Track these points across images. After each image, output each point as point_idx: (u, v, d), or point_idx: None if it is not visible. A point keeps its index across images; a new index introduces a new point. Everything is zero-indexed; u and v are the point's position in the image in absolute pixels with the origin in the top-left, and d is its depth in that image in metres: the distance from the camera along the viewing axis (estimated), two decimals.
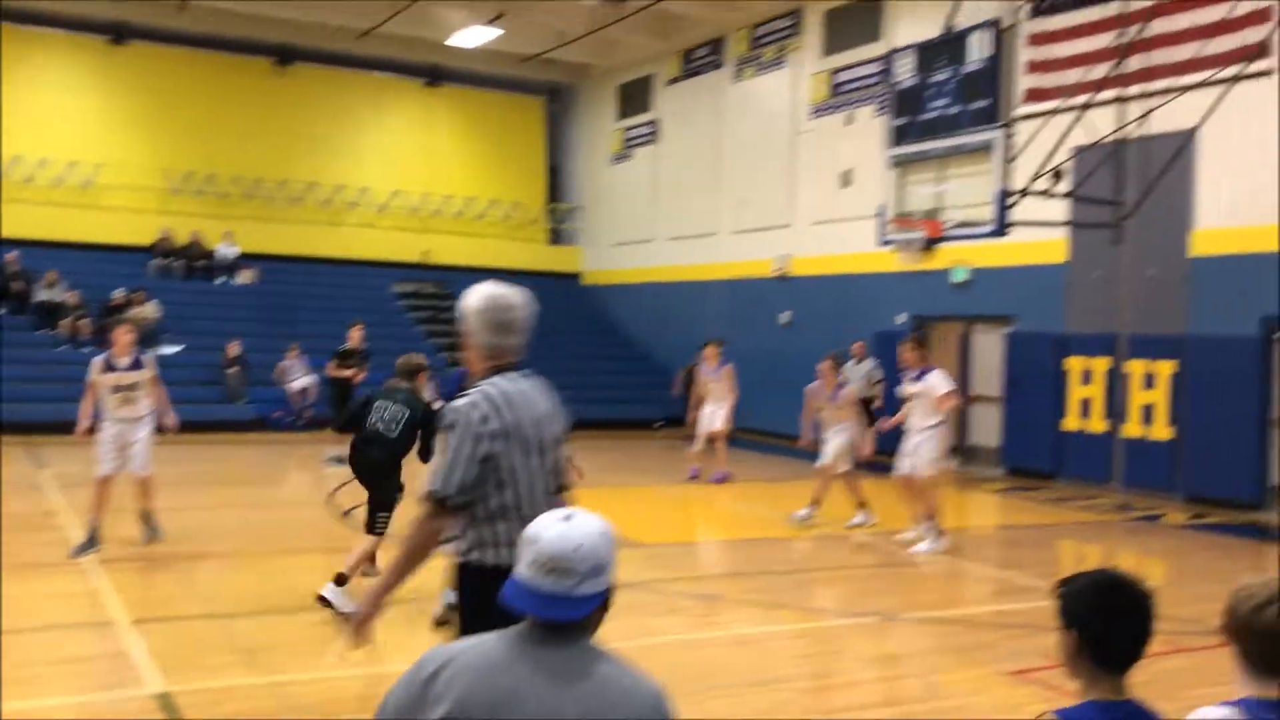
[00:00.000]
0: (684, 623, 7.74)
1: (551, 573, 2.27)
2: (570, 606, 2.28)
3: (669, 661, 6.85)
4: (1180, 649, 7.07)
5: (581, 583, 2.28)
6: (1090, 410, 15.09)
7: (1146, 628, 2.63)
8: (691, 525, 12.94)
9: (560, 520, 2.33)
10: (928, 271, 17.50)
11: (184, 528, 10.75)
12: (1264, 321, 13.32)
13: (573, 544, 2.28)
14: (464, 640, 2.36)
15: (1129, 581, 2.66)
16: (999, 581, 9.86)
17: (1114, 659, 2.63)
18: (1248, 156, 13.37)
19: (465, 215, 26.79)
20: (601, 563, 2.31)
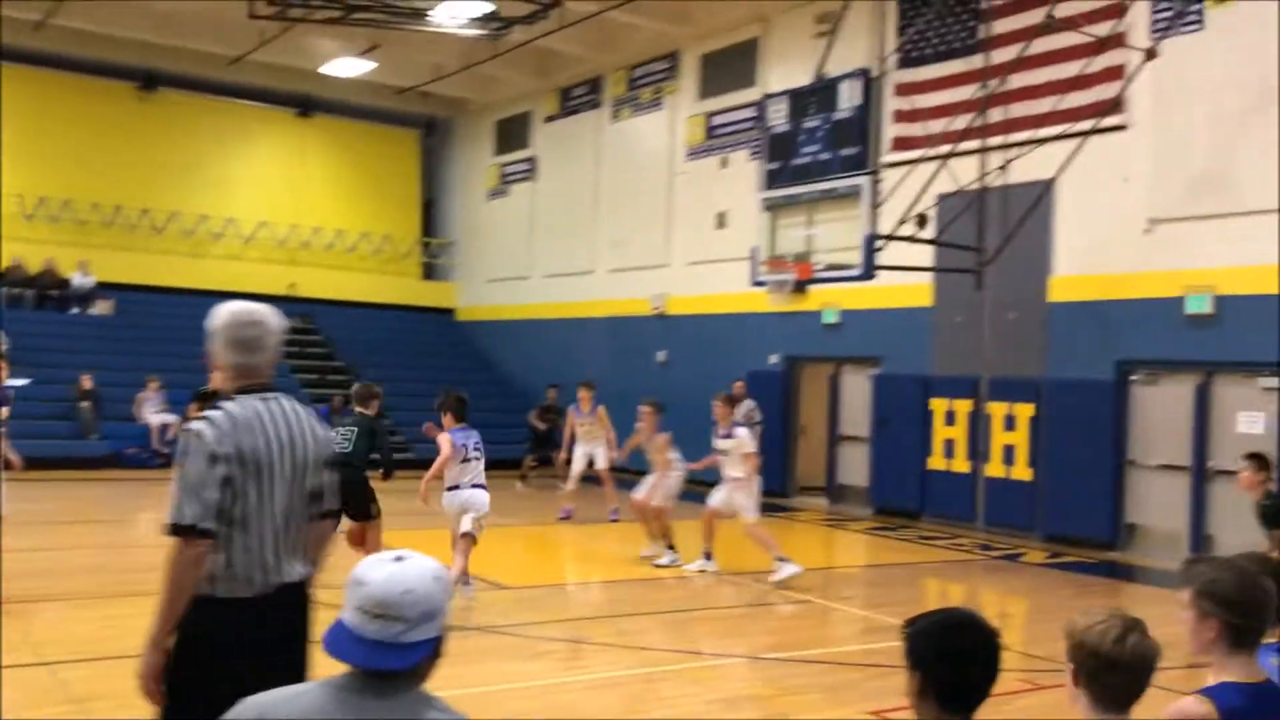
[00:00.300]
0: (548, 666, 7.55)
1: (379, 618, 2.12)
2: (399, 654, 2.13)
3: (533, 706, 6.67)
4: (1037, 686, 7.17)
5: (411, 629, 2.14)
6: (954, 450, 15.43)
7: (992, 668, 2.60)
8: (559, 567, 12.75)
9: (390, 562, 2.18)
10: (799, 313, 17.73)
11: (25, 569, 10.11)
12: (1118, 365, 13.83)
13: (402, 587, 2.13)
14: (279, 691, 2.18)
15: (974, 621, 2.63)
16: (864, 620, 9.92)
17: (959, 700, 2.59)
18: (1102, 206, 13.93)
19: (335, 248, 26.26)
20: (433, 608, 2.17)
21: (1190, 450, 13.16)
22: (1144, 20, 13.44)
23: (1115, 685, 2.66)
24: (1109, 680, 2.66)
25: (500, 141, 25.82)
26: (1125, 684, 2.66)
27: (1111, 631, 2.67)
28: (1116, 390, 13.82)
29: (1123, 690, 2.67)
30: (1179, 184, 13.22)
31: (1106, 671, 2.66)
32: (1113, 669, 2.65)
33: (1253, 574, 3.08)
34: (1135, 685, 2.67)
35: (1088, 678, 2.69)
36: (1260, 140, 12.46)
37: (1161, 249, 13.37)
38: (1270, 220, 12.36)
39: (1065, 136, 13.44)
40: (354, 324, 24.92)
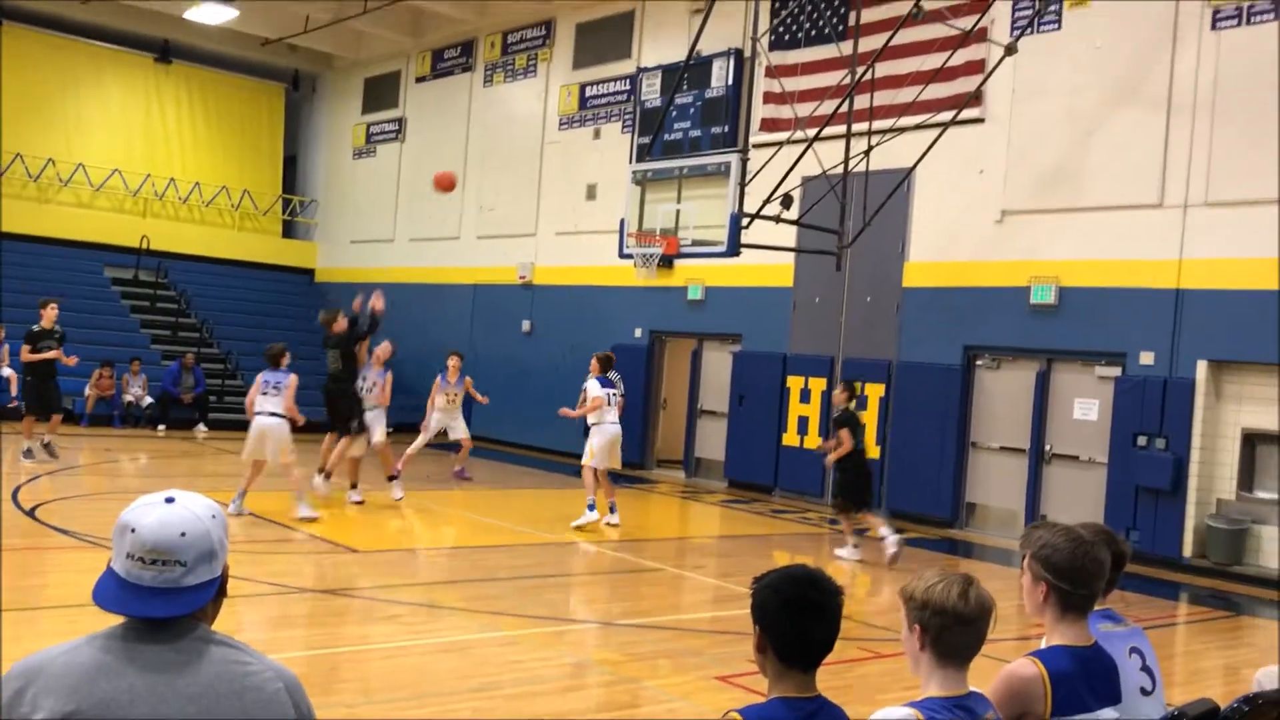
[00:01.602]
0: (397, 630, 7.50)
1: (155, 564, 2.02)
2: (181, 600, 2.03)
3: (380, 668, 6.62)
4: (877, 655, 7.43)
5: (189, 572, 2.04)
6: (808, 428, 15.80)
7: (832, 624, 2.65)
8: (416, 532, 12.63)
9: (161, 504, 2.07)
10: (665, 288, 17.89)
11: None
12: (966, 350, 14.35)
13: (177, 530, 2.04)
14: (45, 651, 2.02)
15: (816, 577, 2.68)
16: (715, 589, 10.12)
17: (799, 655, 2.64)
18: (956, 197, 14.41)
19: (192, 202, 25.35)
20: (212, 547, 2.08)
21: (1029, 434, 13.77)
22: (1005, 17, 13.92)
23: (962, 639, 2.76)
24: (957, 635, 2.76)
25: (368, 100, 25.25)
26: (971, 636, 2.77)
27: (954, 587, 2.77)
28: (963, 374, 14.35)
29: (969, 643, 2.78)
30: (1030, 178, 13.76)
31: (955, 626, 2.75)
32: (961, 622, 2.74)
33: (1087, 543, 3.21)
34: (979, 636, 2.79)
35: (935, 634, 2.77)
36: (1108, 139, 13.06)
37: (1011, 240, 13.91)
38: (1113, 216, 12.98)
39: (926, 126, 13.84)
40: (209, 280, 24.13)
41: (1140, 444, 12.53)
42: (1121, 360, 12.94)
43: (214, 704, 2.00)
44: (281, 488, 11.56)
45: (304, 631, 7.30)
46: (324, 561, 9.83)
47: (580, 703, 6.41)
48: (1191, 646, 9.31)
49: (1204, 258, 12.25)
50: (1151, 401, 12.49)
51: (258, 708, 2.03)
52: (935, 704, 2.77)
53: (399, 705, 5.79)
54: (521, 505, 14.50)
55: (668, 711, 6.23)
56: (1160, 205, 12.60)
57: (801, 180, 14.14)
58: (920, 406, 14.53)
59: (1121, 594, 10.10)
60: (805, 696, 2.65)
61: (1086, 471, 13.27)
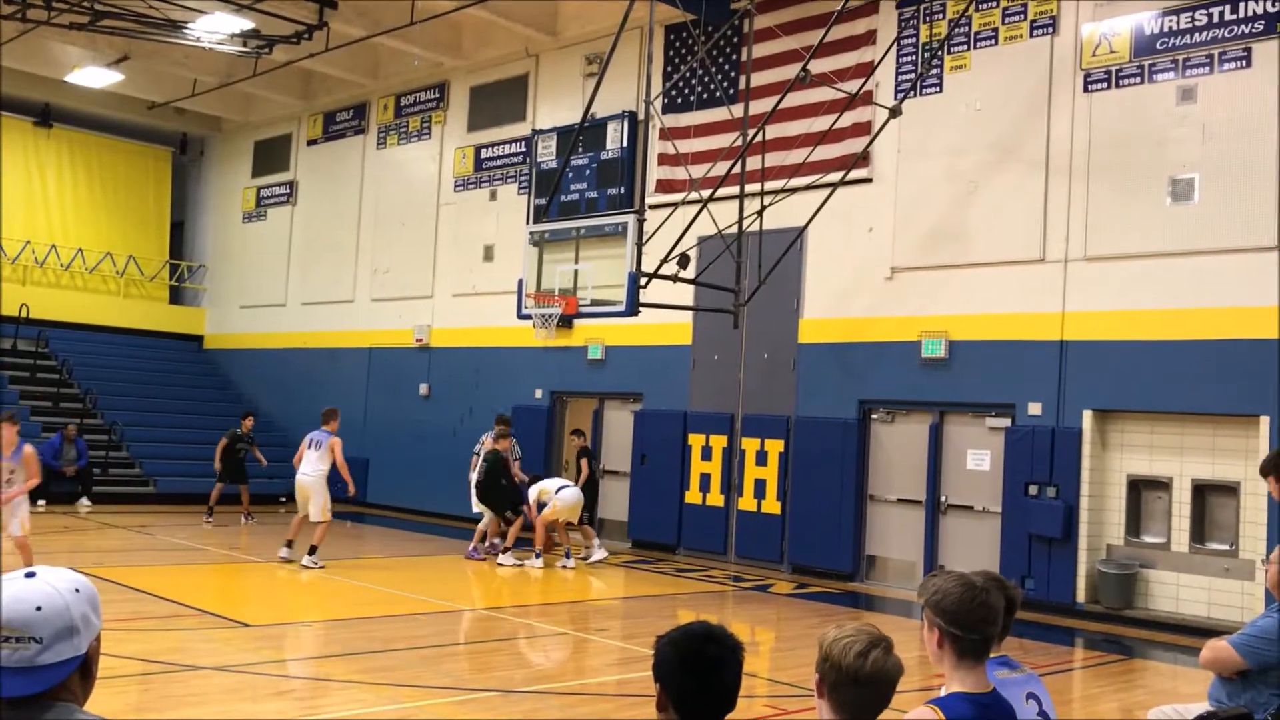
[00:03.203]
0: (289, 706, 7.23)
1: (8, 640, 1.94)
2: (32, 679, 1.94)
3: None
4: (783, 712, 7.40)
5: (46, 649, 1.96)
6: (710, 484, 15.84)
7: (733, 679, 2.62)
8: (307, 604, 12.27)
9: (20, 579, 1.99)
10: (565, 348, 17.86)
11: None
12: (861, 404, 14.57)
13: (33, 604, 1.96)
14: None
15: (715, 633, 2.65)
16: (619, 651, 10.00)
17: (700, 712, 2.60)
18: (848, 254, 14.71)
19: (74, 268, 24.60)
20: (73, 623, 1.99)
21: (925, 485, 13.99)
22: (890, 80, 14.35)
23: (856, 699, 2.73)
24: (850, 694, 2.72)
25: (258, 163, 24.90)
26: (865, 699, 2.73)
27: (855, 646, 2.74)
28: (859, 428, 14.55)
29: (863, 705, 2.73)
30: (918, 235, 14.12)
31: (847, 685, 2.72)
32: (854, 683, 2.71)
33: (978, 588, 3.21)
34: (876, 700, 2.74)
35: (830, 689, 2.75)
36: (990, 197, 13.49)
37: (901, 296, 14.23)
38: (998, 272, 13.37)
39: (816, 186, 14.14)
40: (93, 349, 23.37)
41: (1032, 492, 12.82)
42: (1011, 411, 13.26)
43: None
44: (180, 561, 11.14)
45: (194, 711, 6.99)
46: (214, 637, 9.46)
47: None
48: (1088, 690, 9.47)
49: (1085, 310, 12.68)
50: (1041, 451, 12.81)
51: None
52: None
53: None
54: (418, 572, 14.20)
55: None
56: (1042, 260, 13.02)
57: (697, 240, 14.32)
58: (818, 460, 14.68)
59: (1019, 641, 10.26)
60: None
61: (981, 521, 13.51)
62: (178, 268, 26.51)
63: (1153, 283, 12.18)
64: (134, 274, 25.55)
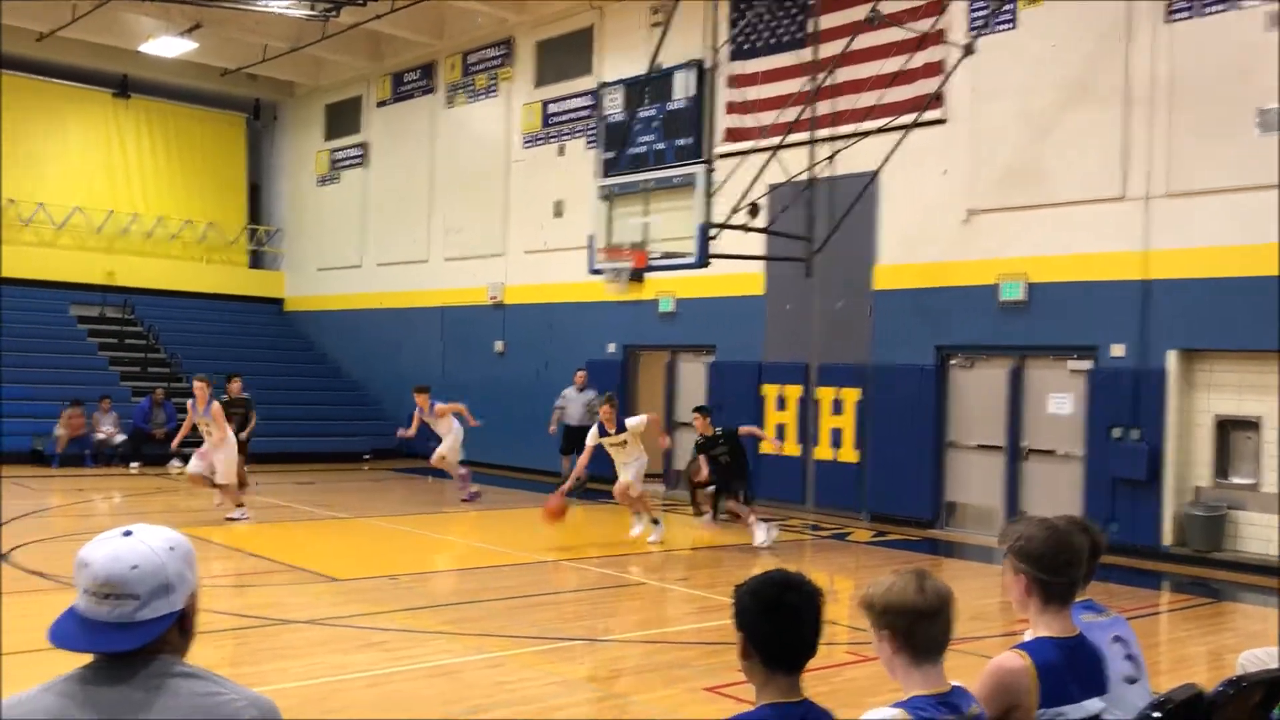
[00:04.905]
0: (380, 657, 7.42)
1: (109, 598, 1.99)
2: (132, 634, 2.00)
3: (363, 697, 6.55)
4: (863, 659, 7.41)
5: (144, 606, 2.01)
6: (785, 434, 15.82)
7: (813, 626, 2.65)
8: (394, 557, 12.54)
9: (116, 537, 2.05)
10: (636, 301, 17.87)
11: None
12: (938, 350, 14.40)
13: (129, 563, 2.01)
14: (13, 696, 2.01)
15: (795, 581, 2.68)
16: (699, 600, 10.09)
17: (783, 658, 2.64)
18: (922, 198, 14.48)
19: (156, 235, 25.16)
20: (169, 580, 2.04)
21: (1005, 431, 13.82)
22: (962, 18, 14.03)
23: (930, 633, 2.77)
24: (924, 630, 2.76)
25: (330, 126, 25.17)
26: (939, 629, 2.78)
27: (910, 584, 2.78)
28: (937, 374, 14.40)
29: (938, 636, 2.78)
30: (994, 176, 13.85)
31: (920, 622, 2.76)
32: (925, 617, 2.75)
33: (1062, 531, 3.23)
34: (946, 628, 2.79)
35: (904, 635, 2.78)
36: (1068, 134, 13.16)
37: (978, 238, 13.99)
38: (1077, 211, 13.08)
39: (888, 130, 13.91)
40: (177, 314, 23.94)
41: (1115, 435, 12.61)
42: (1093, 353, 13.02)
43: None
44: None
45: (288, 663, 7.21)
46: (304, 591, 9.73)
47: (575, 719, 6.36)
48: (1175, 634, 9.35)
49: (1168, 248, 12.36)
50: (1124, 393, 12.57)
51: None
52: (921, 702, 2.77)
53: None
54: (501, 526, 14.43)
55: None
56: (1123, 198, 12.70)
57: (768, 188, 14.19)
58: (896, 408, 14.57)
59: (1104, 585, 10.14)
60: (792, 701, 2.65)
61: (1063, 465, 13.33)
62: (256, 232, 26.98)
63: (1239, 217, 11.81)
64: (214, 240, 26.06)
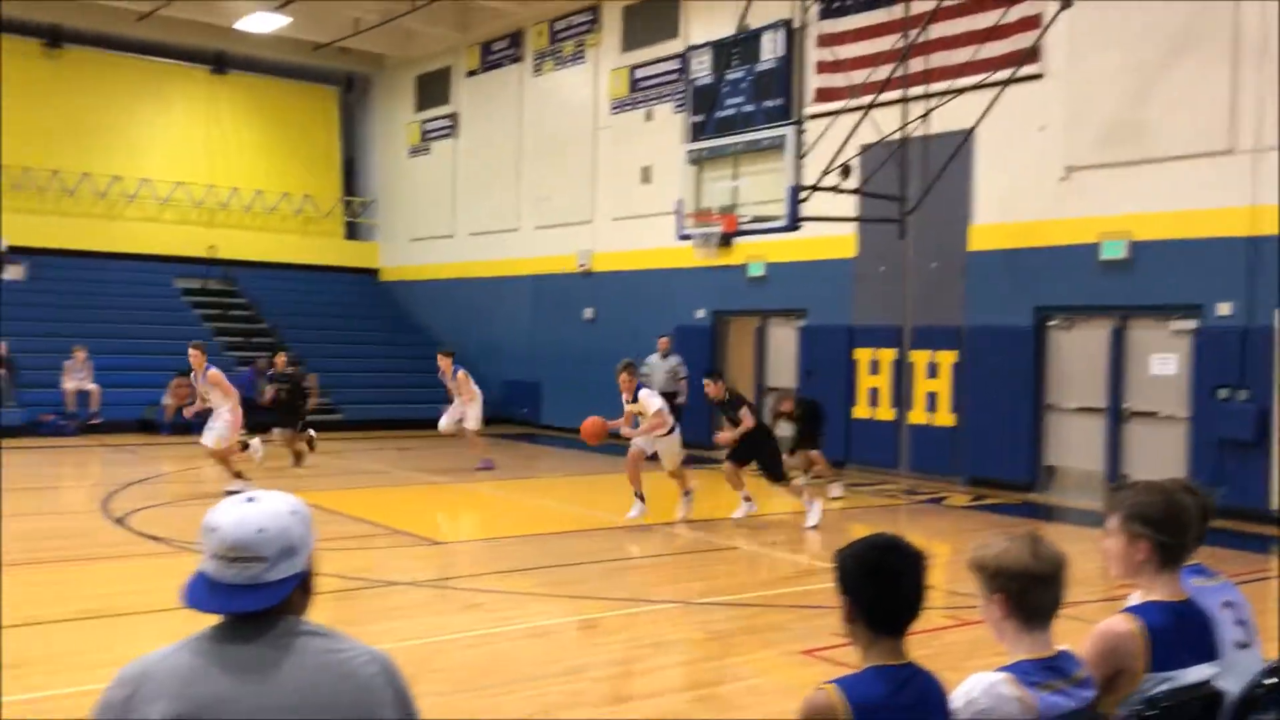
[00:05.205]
0: (480, 618, 7.59)
1: (237, 561, 2.10)
2: (261, 595, 2.11)
3: (465, 657, 6.70)
4: (962, 623, 7.36)
5: (271, 567, 2.12)
6: (878, 399, 15.68)
7: (918, 588, 2.66)
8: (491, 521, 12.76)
9: (242, 503, 2.16)
10: (725, 266, 17.82)
11: None
12: (1036, 311, 14.12)
13: (256, 526, 2.12)
14: (149, 656, 2.12)
15: (898, 544, 2.70)
16: (792, 564, 10.10)
17: (888, 622, 2.66)
18: (1019, 155, 14.15)
19: (255, 209, 25.76)
20: (293, 543, 2.15)
21: (1106, 392, 13.52)
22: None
23: (1043, 597, 2.78)
24: (1038, 594, 2.77)
25: (421, 97, 25.45)
26: (1051, 594, 2.79)
27: (1024, 548, 2.79)
28: (1035, 336, 14.12)
29: (1049, 601, 2.79)
30: (1093, 132, 13.47)
31: (1034, 587, 2.77)
32: (1038, 581, 2.76)
33: (1176, 494, 3.22)
34: (1059, 593, 2.80)
35: (1017, 599, 2.78)
36: (1172, 87, 12.73)
37: (1077, 196, 13.64)
38: (1182, 166, 12.67)
39: (983, 86, 13.61)
40: (276, 286, 24.53)
41: (1221, 396, 12.26)
42: (1198, 312, 12.64)
43: (310, 693, 2.06)
44: None
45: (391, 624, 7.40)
46: (405, 554, 9.97)
47: (665, 682, 6.44)
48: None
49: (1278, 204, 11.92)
50: (1231, 353, 12.20)
51: (354, 692, 2.10)
52: (1027, 666, 2.76)
53: (490, 692, 5.86)
54: (594, 491, 14.57)
55: (752, 688, 6.23)
56: (1231, 152, 12.26)
57: (859, 148, 14.00)
58: (993, 371, 14.33)
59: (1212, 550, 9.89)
60: (897, 664, 2.66)
61: (1167, 427, 13.00)
62: (350, 204, 27.46)
63: None
64: (310, 212, 26.58)
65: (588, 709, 5.62)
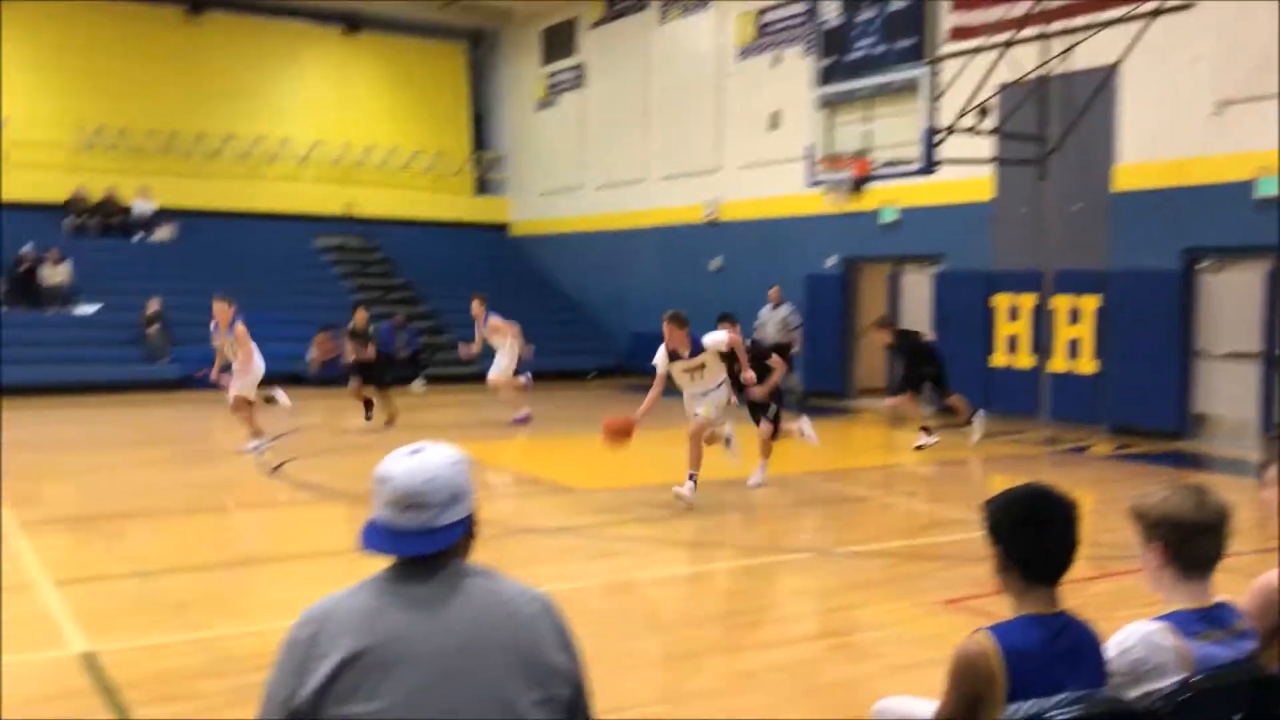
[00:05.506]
0: (618, 565, 7.71)
1: (409, 509, 2.25)
2: (433, 539, 2.26)
3: (603, 603, 6.83)
4: (1108, 573, 7.20)
5: (440, 513, 2.26)
6: (1017, 346, 15.29)
7: (1071, 537, 2.66)
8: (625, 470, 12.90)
9: (409, 455, 2.30)
10: (857, 213, 17.50)
11: (107, 488, 10.51)
12: (1184, 254, 13.55)
13: (424, 476, 2.26)
14: (331, 597, 2.28)
15: (1051, 493, 2.69)
16: (929, 515, 9.98)
17: (1042, 570, 2.65)
18: (1167, 90, 13.52)
19: (388, 166, 26.32)
20: (458, 490, 2.30)
21: (1260, 337, 12.93)
22: None
23: (1205, 548, 2.74)
24: (1200, 545, 2.74)
25: (547, 50, 25.56)
26: (1214, 545, 2.75)
27: (1189, 498, 2.74)
28: (1183, 279, 13.56)
29: (1212, 552, 2.75)
30: (1247, 63, 12.77)
31: (1196, 537, 2.73)
32: (1201, 531, 2.72)
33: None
34: (1221, 544, 2.76)
35: (1177, 548, 2.74)
36: None
37: (1229, 131, 12.98)
38: None
39: (1129, 19, 13.01)
40: (411, 242, 25.08)
41: None
42: None
43: (479, 628, 2.21)
44: None
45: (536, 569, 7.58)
46: (547, 502, 10.17)
47: (802, 630, 6.46)
48: None
49: None
50: None
51: (517, 627, 2.24)
52: (1184, 616, 2.71)
53: (634, 636, 5.96)
54: None
55: (890, 637, 6.20)
56: None
57: (998, 87, 13.57)
58: (1139, 315, 13.83)
59: None
60: (1051, 613, 2.64)
61: None
62: (480, 159, 27.83)
63: None
64: (441, 168, 27.03)
65: (723, 654, 5.68)
